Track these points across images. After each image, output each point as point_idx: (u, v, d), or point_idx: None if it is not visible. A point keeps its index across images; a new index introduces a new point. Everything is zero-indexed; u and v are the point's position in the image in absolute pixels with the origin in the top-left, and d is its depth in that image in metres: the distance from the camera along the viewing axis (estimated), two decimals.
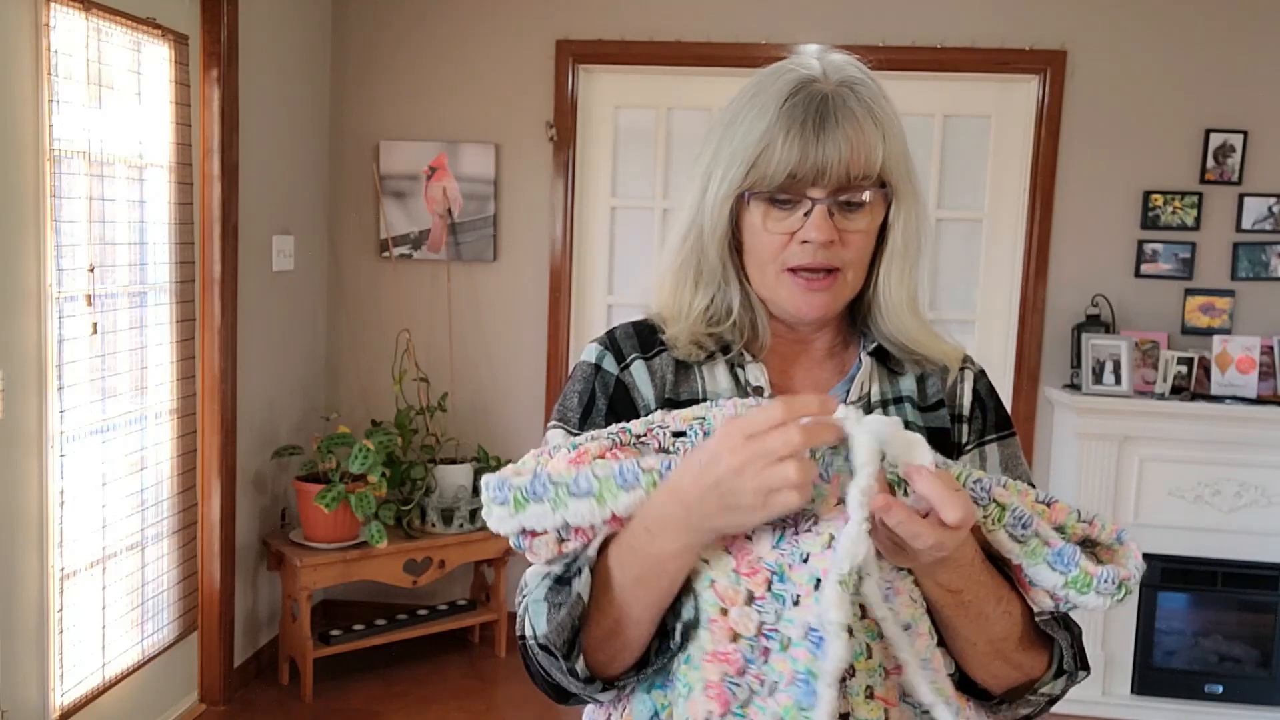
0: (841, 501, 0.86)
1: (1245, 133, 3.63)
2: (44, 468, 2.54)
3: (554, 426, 1.07)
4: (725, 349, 1.07)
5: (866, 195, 1.00)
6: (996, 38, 3.67)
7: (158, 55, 2.95)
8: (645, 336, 1.09)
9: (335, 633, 3.57)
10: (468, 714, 3.38)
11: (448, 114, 3.89)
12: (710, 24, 3.74)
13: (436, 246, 3.91)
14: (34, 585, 2.54)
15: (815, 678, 0.84)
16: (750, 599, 0.89)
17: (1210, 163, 3.65)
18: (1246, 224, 3.66)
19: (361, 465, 3.32)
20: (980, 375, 1.13)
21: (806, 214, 0.98)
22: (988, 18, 3.68)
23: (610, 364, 1.08)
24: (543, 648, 0.94)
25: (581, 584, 0.91)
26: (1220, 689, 3.53)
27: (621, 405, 1.06)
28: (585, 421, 1.06)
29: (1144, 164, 3.68)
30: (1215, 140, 3.64)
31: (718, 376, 1.06)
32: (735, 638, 0.89)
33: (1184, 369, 3.55)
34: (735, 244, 1.04)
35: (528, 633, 0.96)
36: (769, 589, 0.89)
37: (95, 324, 2.72)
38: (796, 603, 0.87)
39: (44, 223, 2.51)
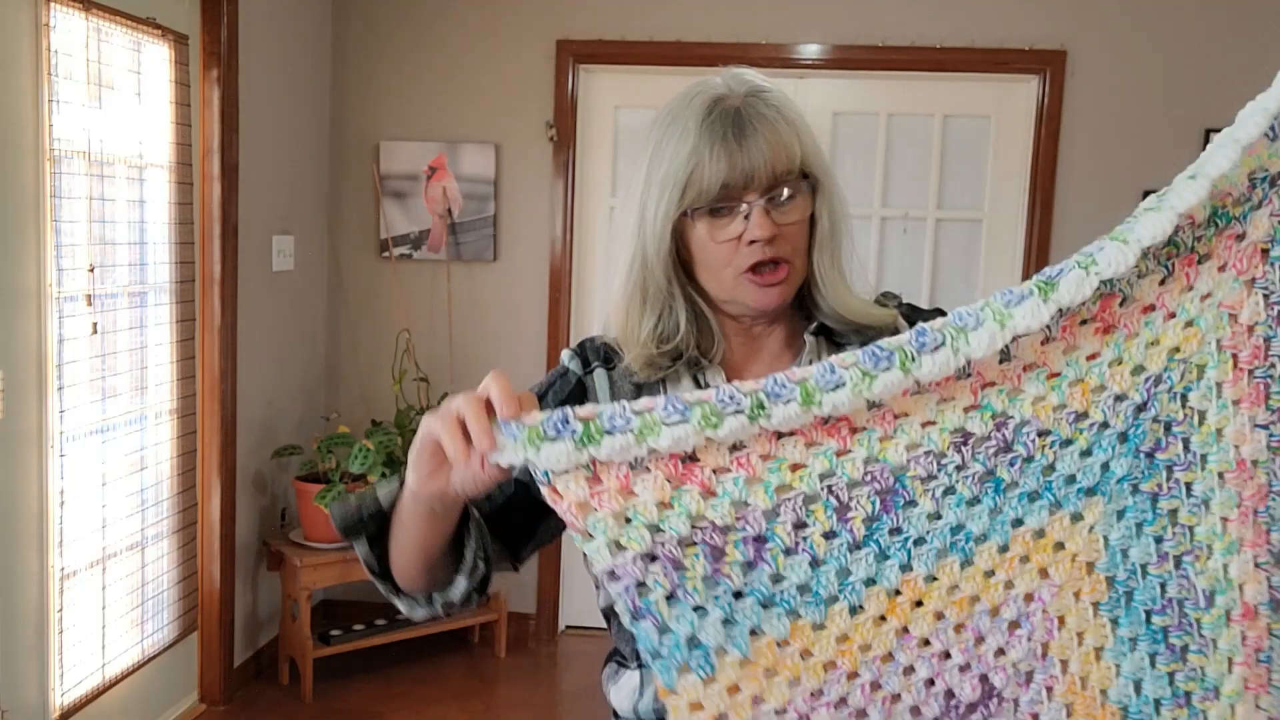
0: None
1: None
2: (44, 468, 2.54)
3: None
4: (680, 358, 1.13)
5: (792, 189, 1.07)
6: (996, 38, 3.67)
7: (158, 55, 2.95)
8: (610, 353, 1.18)
9: (335, 633, 3.57)
10: (468, 714, 3.38)
11: (448, 114, 3.89)
12: (710, 24, 3.74)
13: (436, 246, 3.91)
14: (34, 585, 2.54)
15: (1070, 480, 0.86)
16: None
17: None
18: None
19: (361, 465, 3.33)
20: (910, 312, 1.17)
21: (746, 217, 1.06)
22: (987, 18, 3.67)
23: (576, 366, 1.18)
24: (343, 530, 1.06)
25: (386, 491, 1.02)
26: None
27: (575, 404, 1.07)
28: None
29: (1144, 164, 3.68)
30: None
31: (681, 390, 1.12)
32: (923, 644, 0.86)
33: None
34: (681, 262, 1.12)
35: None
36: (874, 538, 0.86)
37: (95, 324, 2.72)
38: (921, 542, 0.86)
39: (44, 223, 2.51)
